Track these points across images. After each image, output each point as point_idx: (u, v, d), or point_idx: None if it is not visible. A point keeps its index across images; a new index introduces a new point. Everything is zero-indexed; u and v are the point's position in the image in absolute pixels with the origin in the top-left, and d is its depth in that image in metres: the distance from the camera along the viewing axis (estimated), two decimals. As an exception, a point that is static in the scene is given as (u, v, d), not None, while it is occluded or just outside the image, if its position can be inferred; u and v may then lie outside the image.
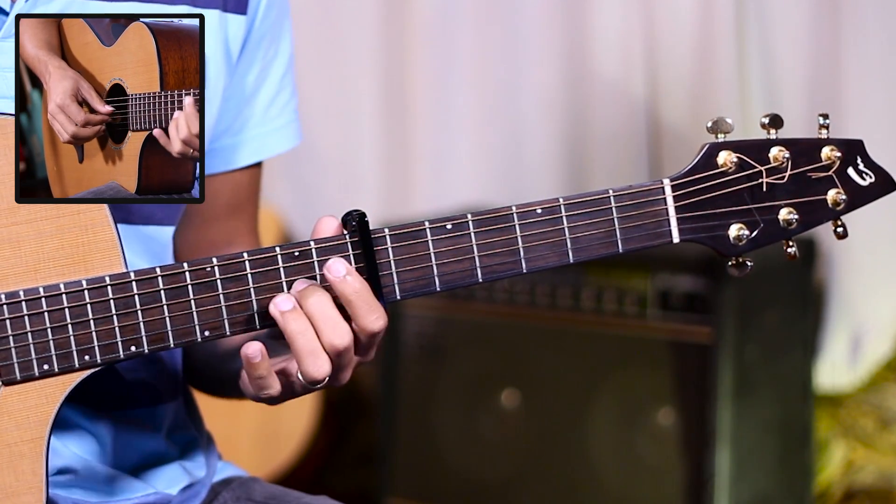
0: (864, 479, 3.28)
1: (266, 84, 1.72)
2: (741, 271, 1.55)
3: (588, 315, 3.09)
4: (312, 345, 1.44)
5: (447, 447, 3.23)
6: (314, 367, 1.45)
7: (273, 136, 1.73)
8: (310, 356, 1.44)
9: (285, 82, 1.74)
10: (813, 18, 3.32)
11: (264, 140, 1.73)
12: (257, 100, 1.71)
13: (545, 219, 1.51)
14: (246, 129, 1.71)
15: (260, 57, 1.70)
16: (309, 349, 1.44)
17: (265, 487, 1.71)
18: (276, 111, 1.73)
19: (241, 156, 1.72)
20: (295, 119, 1.76)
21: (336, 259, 1.45)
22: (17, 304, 1.43)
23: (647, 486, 3.05)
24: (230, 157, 1.71)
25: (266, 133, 1.73)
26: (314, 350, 1.44)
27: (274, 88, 1.72)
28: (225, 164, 1.71)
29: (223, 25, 1.64)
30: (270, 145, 1.73)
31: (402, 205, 3.74)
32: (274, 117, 1.73)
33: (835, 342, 3.36)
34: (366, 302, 1.45)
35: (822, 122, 1.55)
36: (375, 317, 1.46)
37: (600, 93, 3.51)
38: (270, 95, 1.72)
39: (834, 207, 1.55)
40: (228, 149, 1.71)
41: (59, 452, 1.57)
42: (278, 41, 1.72)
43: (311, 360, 1.45)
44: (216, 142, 1.70)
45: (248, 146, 1.72)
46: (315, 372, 1.45)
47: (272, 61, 1.71)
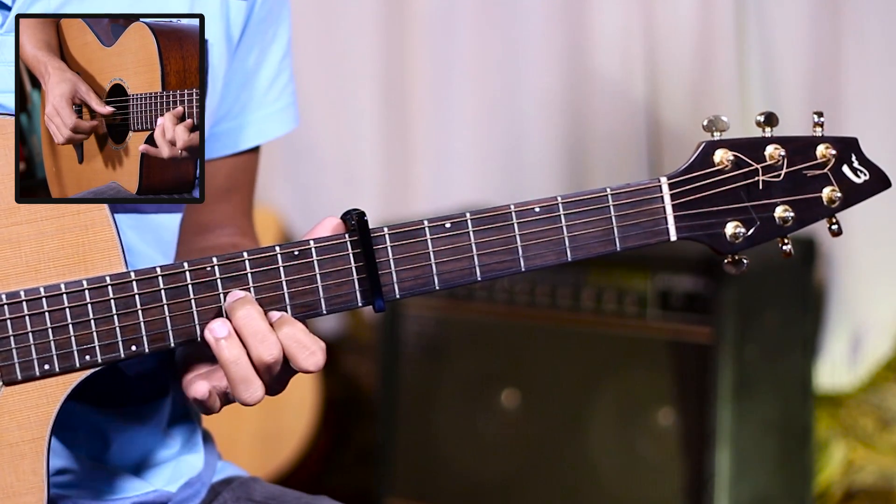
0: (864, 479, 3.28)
1: (265, 67, 1.71)
2: (737, 269, 1.56)
3: (588, 315, 3.09)
4: (245, 371, 1.44)
5: (447, 447, 3.23)
6: (247, 394, 1.44)
7: (272, 120, 1.73)
8: (242, 384, 1.44)
9: (284, 65, 1.74)
10: (813, 18, 3.32)
11: (263, 123, 1.73)
12: (256, 83, 1.71)
13: (543, 217, 1.51)
14: (245, 112, 1.71)
15: (259, 40, 1.70)
16: (241, 376, 1.44)
17: (265, 487, 1.71)
18: (274, 94, 1.73)
19: (241, 139, 1.72)
20: (293, 102, 1.76)
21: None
22: (17, 304, 1.43)
23: (647, 486, 3.05)
24: (230, 141, 1.71)
25: (265, 116, 1.73)
26: (246, 377, 1.44)
27: (273, 71, 1.72)
28: (225, 147, 1.71)
29: (225, 11, 1.64)
30: (270, 128, 1.73)
31: (402, 204, 3.74)
32: (273, 100, 1.73)
33: (835, 342, 3.36)
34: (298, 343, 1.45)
35: (816, 119, 1.56)
36: (308, 353, 1.45)
37: (600, 93, 3.51)
38: (269, 78, 1.72)
39: (829, 205, 1.56)
40: (229, 132, 1.71)
41: (60, 451, 1.57)
42: (277, 24, 1.72)
43: (244, 386, 1.44)
44: (216, 126, 1.70)
45: (248, 129, 1.72)
46: (249, 398, 1.45)
47: (270, 44, 1.71)
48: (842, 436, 3.31)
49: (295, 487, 1.73)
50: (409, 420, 3.26)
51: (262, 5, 1.68)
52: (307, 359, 1.45)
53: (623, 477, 3.06)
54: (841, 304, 3.36)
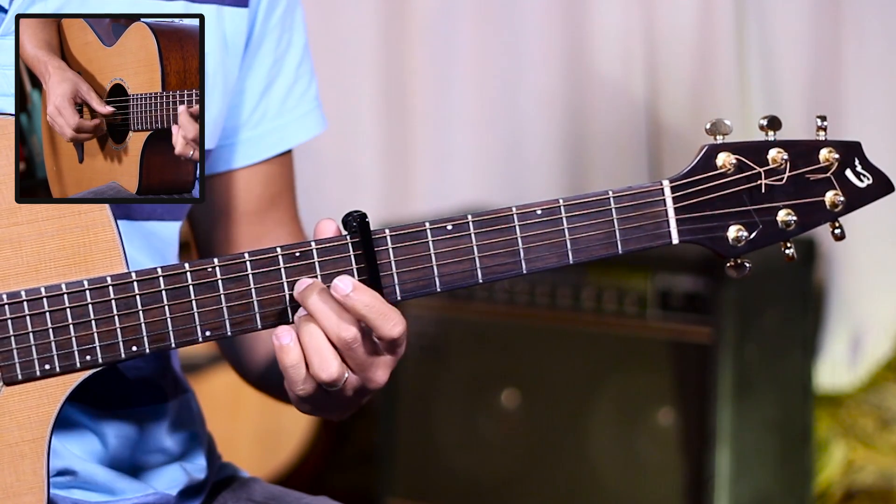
0: (864, 479, 3.28)
1: (281, 76, 1.72)
2: (740, 272, 1.56)
3: (588, 315, 3.09)
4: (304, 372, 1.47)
5: (447, 447, 3.23)
6: (325, 372, 1.46)
7: (293, 126, 1.74)
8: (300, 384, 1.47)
9: (301, 72, 1.74)
10: (813, 18, 3.32)
11: (284, 131, 1.73)
12: (273, 92, 1.71)
13: (545, 220, 1.51)
14: (264, 121, 1.71)
15: (271, 49, 1.70)
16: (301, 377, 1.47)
17: (265, 487, 1.71)
18: (293, 101, 1.73)
19: (261, 148, 1.72)
20: (316, 107, 1.76)
21: (341, 277, 1.45)
22: (18, 305, 1.43)
23: (647, 486, 3.05)
24: (251, 151, 1.72)
25: (286, 124, 1.73)
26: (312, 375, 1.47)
27: (290, 79, 1.72)
28: (247, 157, 1.72)
29: (220, 20, 1.64)
30: (292, 135, 1.74)
31: (403, 205, 3.74)
32: (292, 107, 1.73)
33: (835, 342, 3.36)
34: (379, 312, 1.46)
35: (820, 123, 1.55)
36: (392, 324, 1.47)
37: (600, 93, 3.51)
38: (287, 86, 1.72)
39: (832, 209, 1.55)
40: (248, 142, 1.71)
41: (60, 453, 1.57)
42: (291, 31, 1.72)
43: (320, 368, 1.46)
44: (233, 136, 1.70)
45: (268, 138, 1.72)
46: (326, 374, 1.46)
47: (286, 53, 1.72)
48: (842, 436, 3.31)
49: (295, 487, 1.73)
50: (409, 420, 3.26)
51: (269, 13, 1.68)
52: (393, 328, 1.46)
53: (623, 477, 3.06)
54: (841, 304, 3.36)
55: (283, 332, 1.45)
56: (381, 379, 1.50)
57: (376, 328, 1.46)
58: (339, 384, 1.47)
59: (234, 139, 1.70)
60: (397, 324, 1.47)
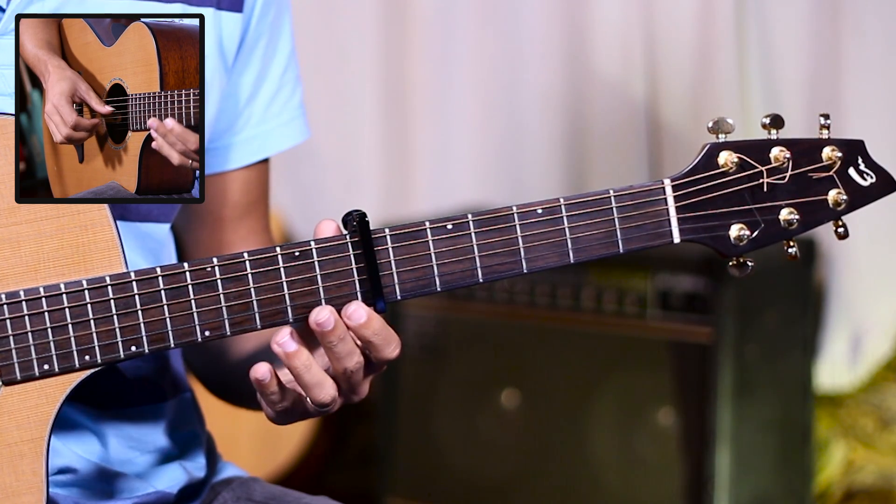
0: (864, 479, 3.28)
1: (266, 83, 1.72)
2: (742, 272, 1.55)
3: (588, 315, 3.09)
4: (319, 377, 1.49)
5: (447, 447, 3.23)
6: (322, 394, 1.48)
7: (275, 134, 1.74)
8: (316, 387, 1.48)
9: (286, 80, 1.74)
10: (813, 18, 3.32)
11: (266, 138, 1.73)
12: (258, 99, 1.72)
13: (546, 219, 1.51)
14: (247, 127, 1.71)
15: (259, 56, 1.70)
16: (316, 381, 1.48)
17: (265, 487, 1.71)
18: (277, 108, 1.73)
19: (243, 153, 1.72)
20: (299, 115, 1.76)
21: (357, 306, 1.46)
22: (17, 304, 1.43)
23: (647, 486, 3.04)
24: (232, 156, 1.72)
25: (267, 131, 1.73)
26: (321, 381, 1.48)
27: (274, 87, 1.73)
28: (226, 162, 1.72)
29: (217, 24, 1.64)
30: (273, 142, 1.74)
31: (402, 205, 3.74)
32: (275, 115, 1.73)
33: (835, 342, 3.36)
34: (384, 338, 1.48)
35: (822, 122, 1.55)
36: (392, 347, 1.49)
37: (600, 92, 3.51)
38: (270, 94, 1.73)
39: (835, 208, 1.55)
40: (230, 147, 1.71)
41: (60, 452, 1.57)
42: (277, 39, 1.72)
43: (318, 390, 1.49)
44: (217, 141, 1.70)
45: (250, 144, 1.72)
46: (323, 397, 1.48)
47: (271, 60, 1.72)
48: (842, 436, 3.31)
49: (295, 487, 1.73)
50: (409, 420, 3.26)
51: (261, 19, 1.69)
52: (393, 351, 1.49)
53: (623, 477, 3.06)
54: (841, 305, 3.36)
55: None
56: (365, 393, 1.54)
57: (379, 351, 1.48)
58: (334, 407, 1.50)
59: (217, 143, 1.70)
60: (396, 346, 1.49)
